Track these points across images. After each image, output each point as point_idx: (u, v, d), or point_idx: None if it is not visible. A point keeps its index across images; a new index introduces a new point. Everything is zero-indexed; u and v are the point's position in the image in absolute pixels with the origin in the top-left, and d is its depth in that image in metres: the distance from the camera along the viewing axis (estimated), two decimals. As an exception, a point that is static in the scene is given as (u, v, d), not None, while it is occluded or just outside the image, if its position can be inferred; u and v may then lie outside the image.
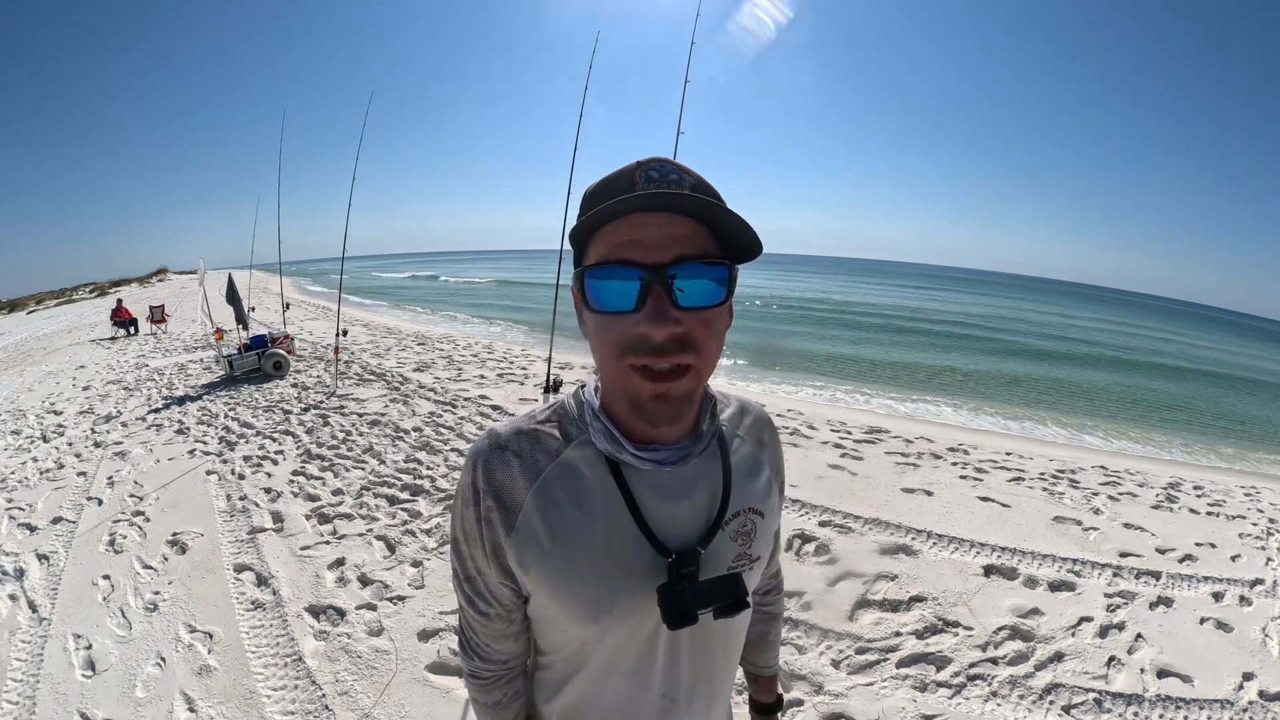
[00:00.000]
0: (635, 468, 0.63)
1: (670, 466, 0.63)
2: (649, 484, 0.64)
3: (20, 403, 7.00)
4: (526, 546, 0.63)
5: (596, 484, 0.64)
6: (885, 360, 13.02)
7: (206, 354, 9.81)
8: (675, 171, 0.57)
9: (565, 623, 0.65)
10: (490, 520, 0.64)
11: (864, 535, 3.56)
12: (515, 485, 0.64)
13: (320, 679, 2.36)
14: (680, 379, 0.55)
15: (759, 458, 0.74)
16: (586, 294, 0.57)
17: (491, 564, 0.65)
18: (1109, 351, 17.63)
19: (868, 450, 5.21)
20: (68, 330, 15.12)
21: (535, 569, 0.63)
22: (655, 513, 0.63)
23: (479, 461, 0.65)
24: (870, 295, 35.16)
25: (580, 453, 0.65)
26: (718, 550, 0.65)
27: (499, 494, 0.64)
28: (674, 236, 0.54)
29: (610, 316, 0.55)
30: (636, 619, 0.64)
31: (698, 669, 0.69)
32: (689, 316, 0.54)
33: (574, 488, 0.64)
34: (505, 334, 14.06)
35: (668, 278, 0.53)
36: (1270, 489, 5.23)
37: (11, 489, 4.32)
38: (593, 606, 0.62)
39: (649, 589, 0.62)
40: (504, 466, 0.64)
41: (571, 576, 0.62)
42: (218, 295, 9.66)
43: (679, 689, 0.69)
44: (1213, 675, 2.52)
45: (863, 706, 2.26)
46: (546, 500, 0.63)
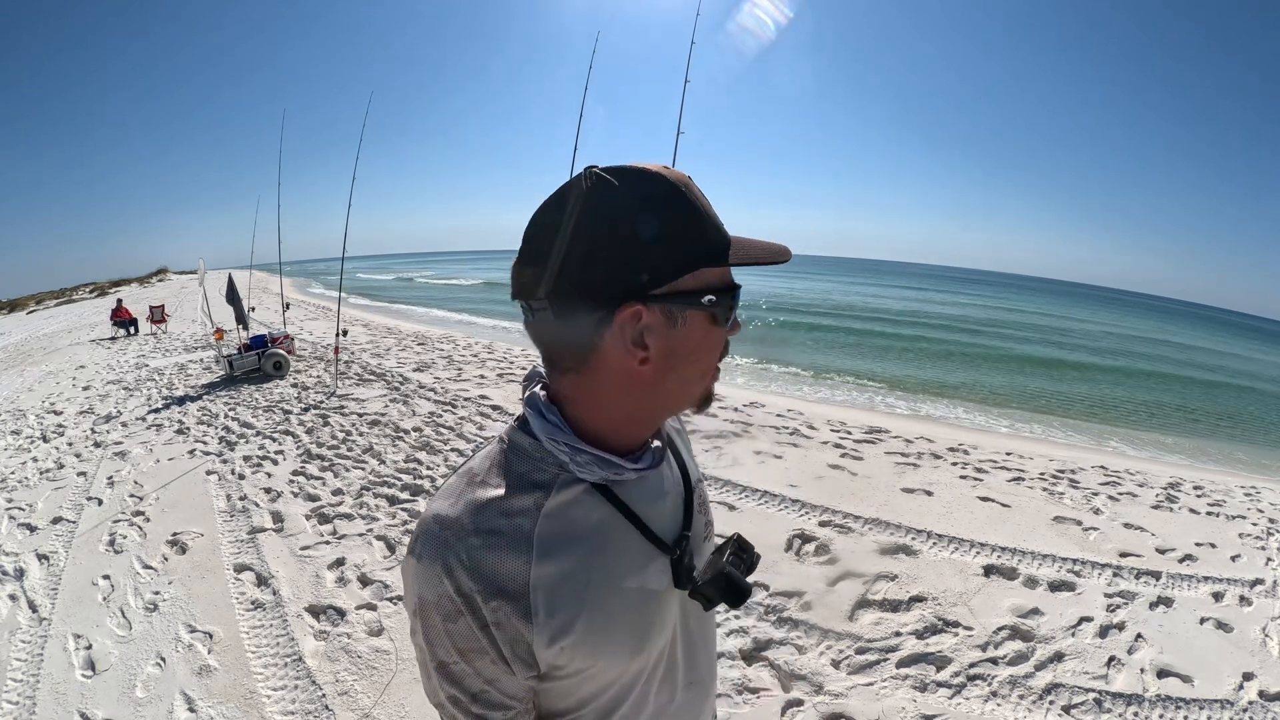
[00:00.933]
0: (624, 482, 0.61)
1: (652, 468, 0.64)
2: (638, 493, 0.63)
3: (20, 403, 7.01)
4: (555, 619, 0.55)
5: (595, 516, 0.60)
6: (889, 372, 13.02)
7: (206, 354, 9.81)
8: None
9: (606, 670, 0.60)
10: (501, 623, 0.54)
11: (864, 535, 3.56)
12: (512, 567, 0.55)
13: (320, 679, 2.36)
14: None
15: (680, 430, 0.79)
16: (729, 311, 0.59)
17: (512, 665, 0.56)
18: (1124, 360, 17.38)
19: (868, 450, 5.21)
20: (68, 330, 15.13)
21: (571, 635, 0.56)
22: (652, 516, 0.63)
23: (449, 562, 0.53)
24: (871, 298, 35.10)
25: (565, 495, 0.59)
26: (696, 529, 0.68)
27: (500, 587, 0.54)
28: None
29: (722, 330, 0.60)
30: (666, 628, 0.64)
31: (705, 643, 0.73)
32: None
33: (573, 531, 0.58)
34: (459, 336, 13.93)
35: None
36: (1270, 489, 5.23)
37: (11, 489, 4.33)
38: (636, 640, 0.61)
39: (669, 592, 0.63)
40: (488, 553, 0.54)
41: (610, 622, 0.59)
42: (218, 295, 9.65)
43: (698, 669, 0.71)
44: (1213, 675, 2.52)
45: (863, 706, 2.26)
46: (552, 561, 0.56)
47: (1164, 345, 23.85)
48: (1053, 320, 29.60)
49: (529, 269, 0.55)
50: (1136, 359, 17.52)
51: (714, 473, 4.42)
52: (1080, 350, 18.04)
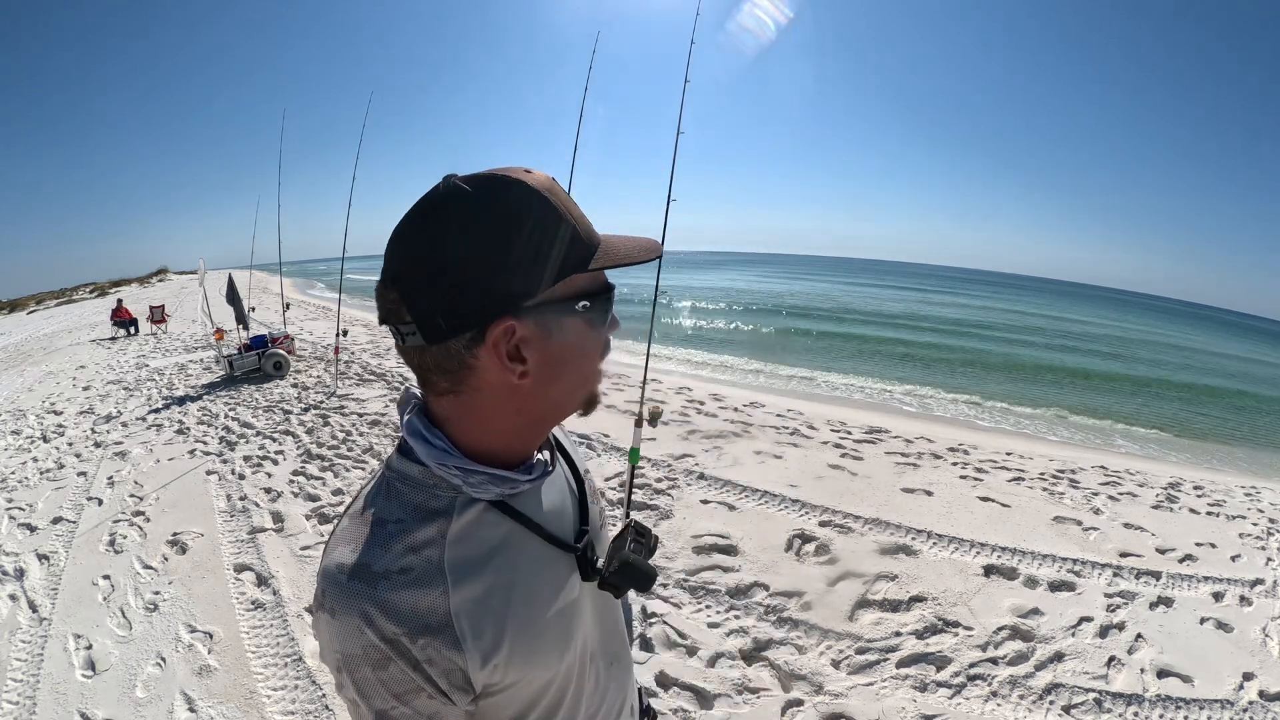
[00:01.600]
0: (521, 494, 0.61)
1: (546, 476, 0.64)
2: (534, 501, 0.63)
3: (20, 403, 7.01)
4: (484, 642, 0.55)
5: (498, 533, 0.59)
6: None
7: (206, 354, 9.82)
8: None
9: (541, 675, 0.61)
10: (432, 659, 0.53)
11: (864, 535, 3.56)
12: (429, 601, 0.53)
13: (320, 679, 2.36)
14: None
15: (561, 425, 0.80)
16: (606, 314, 0.60)
17: (451, 695, 0.55)
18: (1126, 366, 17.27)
19: (868, 450, 5.21)
20: (68, 330, 15.13)
21: (502, 651, 0.56)
22: (550, 519, 0.64)
23: (365, 612, 0.51)
24: (870, 299, 35.07)
25: (465, 517, 0.57)
26: (594, 521, 0.71)
27: (425, 624, 0.52)
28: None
29: (600, 331, 0.60)
30: (583, 620, 0.67)
31: (614, 622, 0.76)
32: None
33: (481, 552, 0.57)
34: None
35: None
36: (1270, 489, 5.23)
37: (12, 489, 4.33)
38: (563, 640, 0.62)
39: (583, 592, 0.66)
40: (400, 593, 0.52)
41: (536, 631, 0.59)
42: (218, 295, 9.66)
43: (614, 647, 0.75)
44: (1213, 675, 2.52)
45: (863, 706, 2.26)
46: (468, 585, 0.55)
47: (1164, 345, 23.85)
48: (1052, 321, 29.57)
49: (392, 292, 0.53)
50: (1136, 362, 17.52)
51: (714, 473, 4.42)
52: (1078, 353, 18.04)
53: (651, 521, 3.62)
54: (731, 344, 14.38)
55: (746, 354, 12.61)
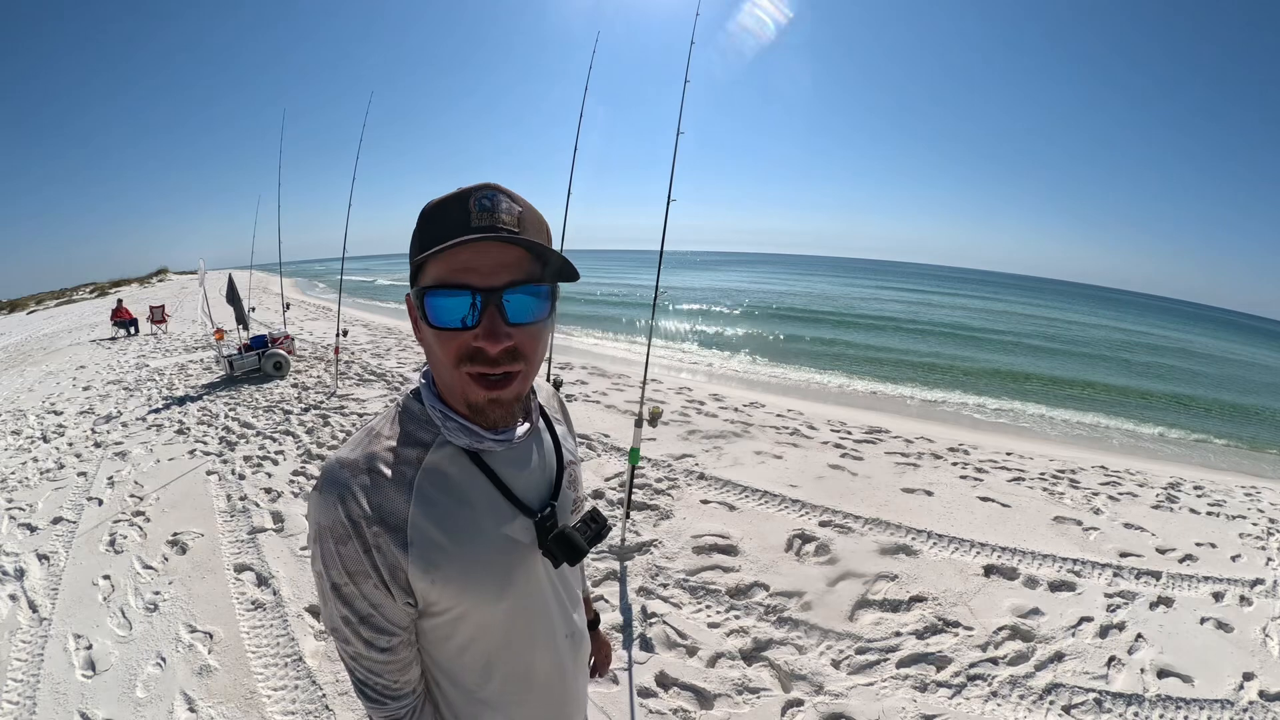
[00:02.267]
0: (493, 452, 0.71)
1: (517, 442, 0.73)
2: (505, 462, 0.73)
3: (20, 403, 7.01)
4: (427, 553, 0.65)
5: (464, 476, 0.70)
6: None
7: (207, 354, 9.82)
8: (505, 200, 0.63)
9: (475, 611, 0.70)
10: (380, 547, 0.64)
11: (864, 535, 3.56)
12: (394, 502, 0.65)
13: (321, 679, 2.36)
14: (510, 385, 0.65)
15: (560, 419, 0.89)
16: (427, 312, 0.63)
17: (392, 589, 0.65)
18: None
19: (868, 450, 5.21)
20: (68, 330, 15.13)
21: (442, 569, 0.66)
22: (517, 485, 0.73)
23: (345, 493, 0.64)
24: (870, 300, 35.00)
25: (441, 453, 0.69)
26: (563, 500, 0.79)
27: (381, 516, 0.64)
28: (505, 264, 0.62)
29: (449, 332, 0.63)
30: (532, 580, 0.74)
31: (574, 603, 0.85)
32: (518, 331, 0.63)
33: (447, 485, 0.68)
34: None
35: (501, 299, 0.61)
36: (1270, 489, 5.23)
37: (12, 489, 4.33)
38: (499, 582, 0.70)
39: (532, 549, 0.73)
40: (374, 489, 0.65)
41: (475, 563, 0.68)
42: (218, 295, 9.66)
43: (572, 624, 0.83)
44: (1213, 675, 2.52)
45: (863, 706, 2.26)
46: (428, 505, 0.66)
47: (1163, 344, 23.84)
48: (1051, 322, 29.52)
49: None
50: (1137, 364, 17.50)
51: (714, 473, 4.42)
52: (1077, 356, 18.03)
53: (652, 521, 3.62)
54: (732, 344, 14.37)
55: (746, 354, 12.61)
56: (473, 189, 0.63)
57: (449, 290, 0.61)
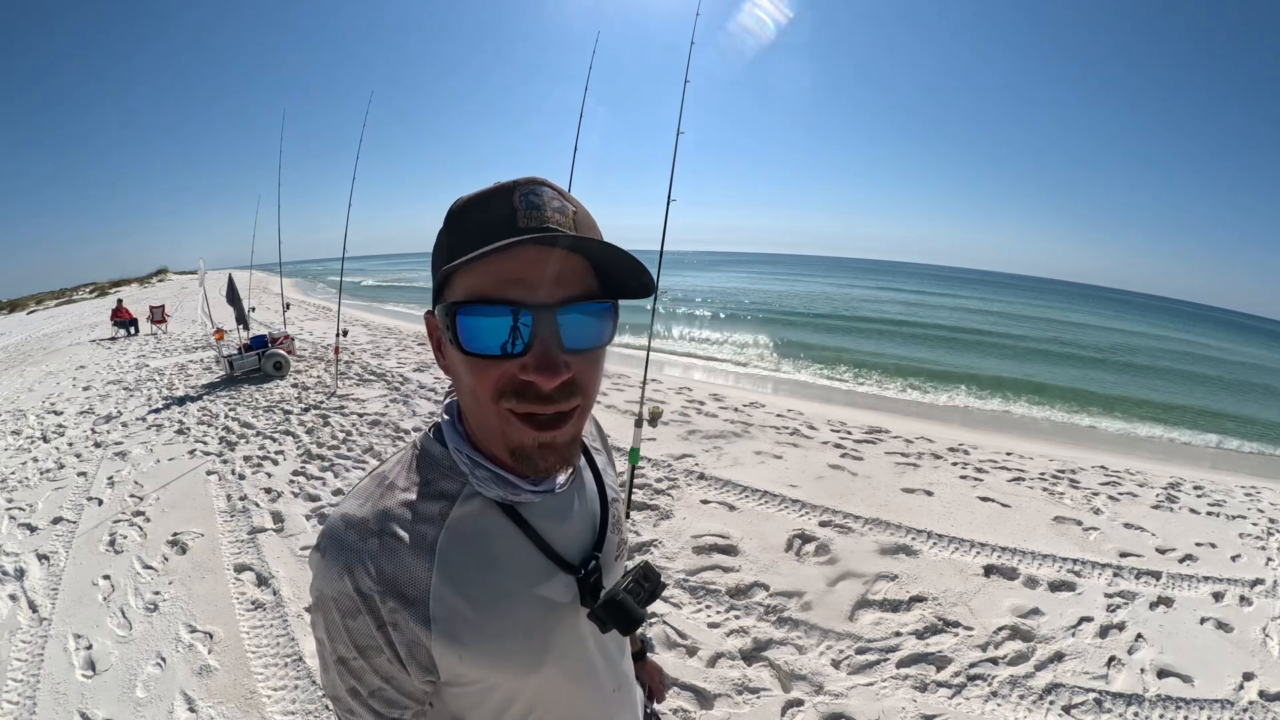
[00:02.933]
0: (529, 504, 0.60)
1: (561, 490, 0.63)
2: (544, 514, 0.62)
3: (20, 403, 7.01)
4: (454, 628, 0.55)
5: (497, 534, 0.59)
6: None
7: (207, 354, 9.82)
8: (558, 198, 0.52)
9: (510, 681, 0.60)
10: (397, 623, 0.54)
11: (864, 535, 3.56)
12: (412, 573, 0.54)
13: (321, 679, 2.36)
14: (565, 425, 0.53)
15: (599, 449, 0.78)
16: (458, 333, 0.50)
17: (409, 665, 0.56)
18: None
19: (868, 450, 5.21)
20: (68, 330, 15.13)
21: (469, 647, 0.56)
22: (557, 538, 0.62)
23: (350, 561, 0.53)
24: (869, 301, 34.96)
25: (468, 508, 0.58)
26: (608, 549, 0.67)
27: (398, 590, 0.54)
28: (560, 275, 0.49)
29: (489, 360, 0.50)
30: (572, 641, 0.64)
31: (620, 649, 0.74)
32: (577, 359, 0.51)
33: (476, 548, 0.57)
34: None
35: (557, 321, 0.49)
36: (1270, 489, 5.23)
37: (12, 489, 4.33)
38: (536, 653, 0.60)
39: (574, 611, 0.63)
40: (388, 556, 0.54)
41: (509, 635, 0.58)
42: (218, 295, 9.66)
43: (619, 673, 0.73)
44: (1213, 675, 2.52)
45: (863, 706, 2.26)
46: (452, 573, 0.56)
47: (1163, 344, 23.84)
48: (1050, 323, 29.50)
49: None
50: (1138, 362, 17.50)
51: (714, 473, 4.42)
52: (1076, 359, 18.03)
53: (652, 522, 3.62)
54: (731, 344, 14.37)
55: (746, 354, 12.60)
56: (516, 182, 0.51)
57: (490, 307, 0.48)
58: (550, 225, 0.50)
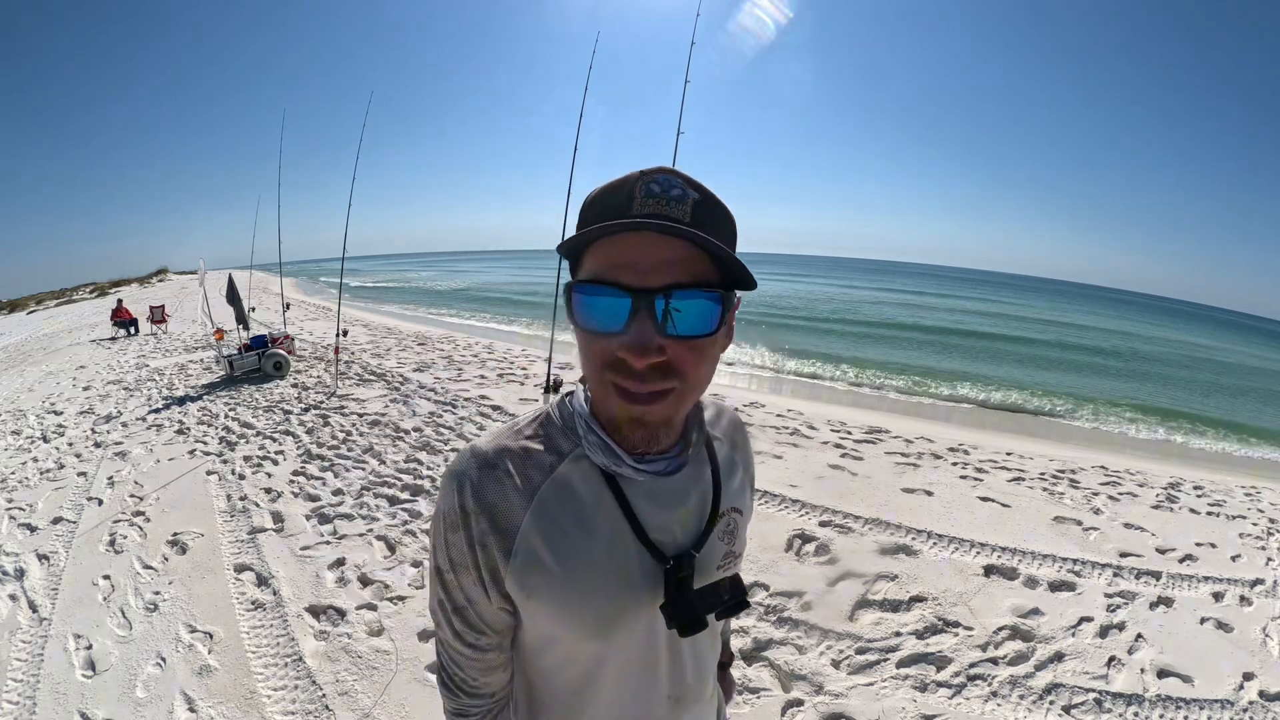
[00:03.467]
0: (632, 480, 0.63)
1: (666, 476, 0.64)
2: (645, 494, 0.64)
3: (20, 403, 7.01)
4: (529, 569, 0.60)
5: (594, 499, 0.62)
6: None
7: (207, 354, 9.82)
8: (678, 186, 0.54)
9: (570, 642, 0.64)
10: (485, 545, 0.60)
11: (864, 535, 3.56)
12: (510, 506, 0.61)
13: (321, 679, 2.36)
14: (658, 403, 0.55)
15: (735, 458, 0.76)
16: (574, 309, 0.56)
17: (490, 591, 0.62)
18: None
19: (868, 450, 5.21)
20: (68, 330, 15.14)
21: (539, 592, 0.61)
22: (653, 522, 0.63)
23: (465, 482, 0.61)
24: (869, 302, 34.93)
25: (575, 467, 0.63)
26: (709, 551, 0.67)
27: (493, 516, 0.60)
28: (668, 261, 0.52)
29: (595, 335, 0.55)
30: (641, 628, 0.65)
31: (697, 663, 0.72)
32: (675, 344, 0.53)
33: (572, 504, 0.62)
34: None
35: (656, 305, 0.52)
36: (1270, 489, 5.23)
37: (12, 489, 4.33)
38: (600, 623, 0.62)
39: (651, 598, 0.63)
40: (495, 486, 0.61)
41: (577, 595, 0.61)
42: (218, 295, 9.66)
43: (683, 687, 0.71)
44: (1213, 675, 2.52)
45: (863, 706, 2.26)
46: (545, 520, 0.61)
47: (1162, 344, 23.84)
48: (1050, 325, 29.49)
49: None
50: (1141, 361, 17.49)
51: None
52: (1077, 355, 18.02)
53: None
54: (732, 344, 14.34)
55: (746, 354, 12.60)
56: (644, 171, 0.55)
57: (601, 286, 0.53)
58: (664, 214, 0.52)
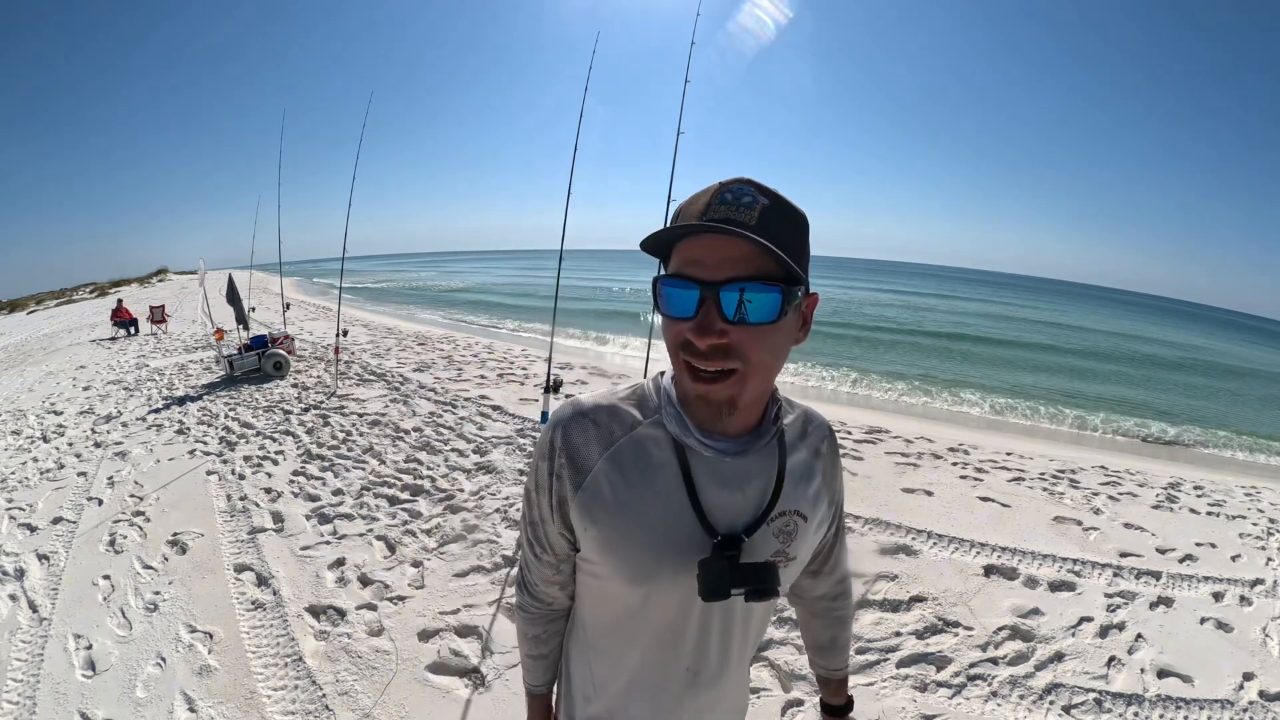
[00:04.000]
0: (699, 453, 0.70)
1: (731, 457, 0.70)
2: (709, 470, 0.71)
3: (20, 403, 7.00)
4: (591, 505, 0.71)
5: (662, 462, 0.71)
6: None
7: (207, 354, 9.82)
8: (750, 194, 0.62)
9: (612, 583, 0.73)
10: (561, 476, 0.73)
11: (864, 535, 3.56)
12: (590, 449, 0.72)
13: (320, 679, 2.36)
14: (722, 382, 0.63)
15: (813, 465, 0.80)
16: (659, 299, 0.65)
17: (555, 515, 0.74)
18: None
19: (868, 450, 5.21)
20: (68, 330, 15.13)
21: (595, 528, 0.71)
22: (710, 497, 0.70)
23: (560, 424, 0.74)
24: (869, 303, 34.90)
25: (652, 431, 0.73)
26: (760, 542, 0.72)
27: (573, 455, 0.72)
28: (731, 258, 0.60)
29: (673, 320, 0.64)
30: (676, 590, 0.71)
31: (723, 646, 0.77)
32: (737, 329, 0.61)
33: (642, 461, 0.71)
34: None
35: (720, 294, 0.60)
36: (1270, 489, 5.23)
37: (12, 489, 4.32)
38: (639, 570, 0.70)
39: (691, 565, 0.68)
40: (582, 431, 0.73)
41: (625, 539, 0.70)
42: (218, 295, 9.66)
43: (704, 663, 0.77)
44: (1213, 675, 2.52)
45: (863, 706, 2.26)
46: (616, 468, 0.71)
47: (1163, 345, 23.84)
48: (1050, 322, 29.48)
49: None
50: (1137, 362, 17.49)
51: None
52: (1075, 354, 18.02)
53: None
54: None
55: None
56: (726, 183, 0.63)
57: (677, 279, 0.63)
58: (732, 218, 0.60)
